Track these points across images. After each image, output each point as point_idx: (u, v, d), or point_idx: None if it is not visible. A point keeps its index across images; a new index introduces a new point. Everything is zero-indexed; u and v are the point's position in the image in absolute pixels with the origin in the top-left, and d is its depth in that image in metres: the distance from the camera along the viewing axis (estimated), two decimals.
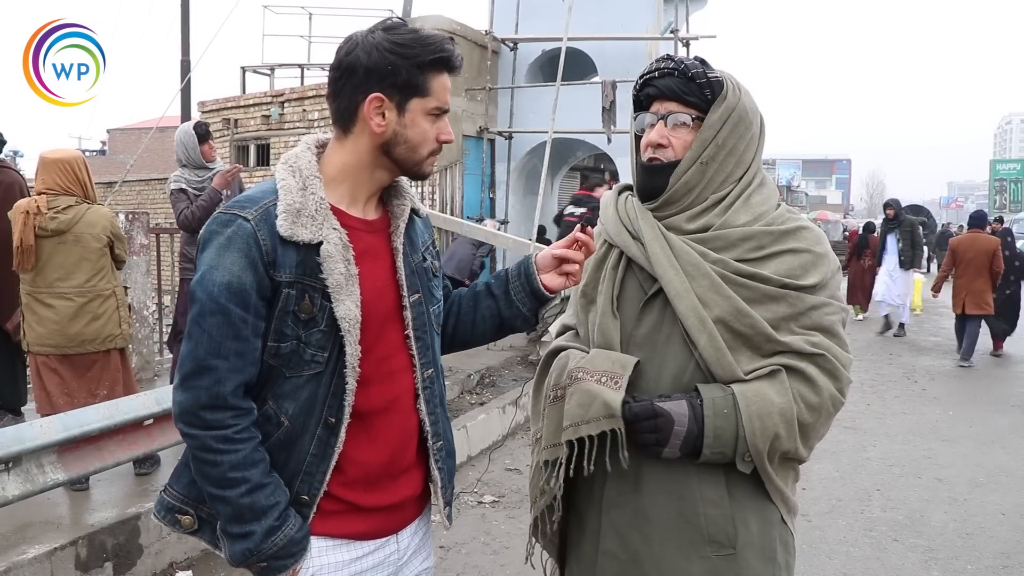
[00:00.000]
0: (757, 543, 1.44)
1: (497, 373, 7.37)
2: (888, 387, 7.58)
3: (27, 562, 2.96)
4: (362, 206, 1.45)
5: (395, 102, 1.37)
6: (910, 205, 28.62)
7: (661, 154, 1.50)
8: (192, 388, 1.31)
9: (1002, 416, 6.54)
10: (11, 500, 2.73)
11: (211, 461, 1.32)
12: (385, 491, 1.46)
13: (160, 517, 1.46)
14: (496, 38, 11.56)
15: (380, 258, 1.45)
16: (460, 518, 4.18)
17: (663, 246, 1.47)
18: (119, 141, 27.94)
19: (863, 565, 3.70)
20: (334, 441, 1.38)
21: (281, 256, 1.32)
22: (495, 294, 1.64)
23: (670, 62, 1.50)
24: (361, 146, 1.40)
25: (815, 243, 1.48)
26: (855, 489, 4.73)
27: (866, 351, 9.52)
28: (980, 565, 3.71)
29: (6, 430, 2.80)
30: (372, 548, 1.46)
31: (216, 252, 1.32)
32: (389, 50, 1.35)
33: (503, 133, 11.63)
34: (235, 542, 1.34)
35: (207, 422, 1.31)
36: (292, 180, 1.37)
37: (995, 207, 43.45)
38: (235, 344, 1.31)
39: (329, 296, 1.34)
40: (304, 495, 1.38)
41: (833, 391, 1.43)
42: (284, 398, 1.37)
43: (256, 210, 1.34)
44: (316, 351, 1.36)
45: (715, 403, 1.38)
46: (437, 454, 1.52)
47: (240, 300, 1.31)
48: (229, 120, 12.26)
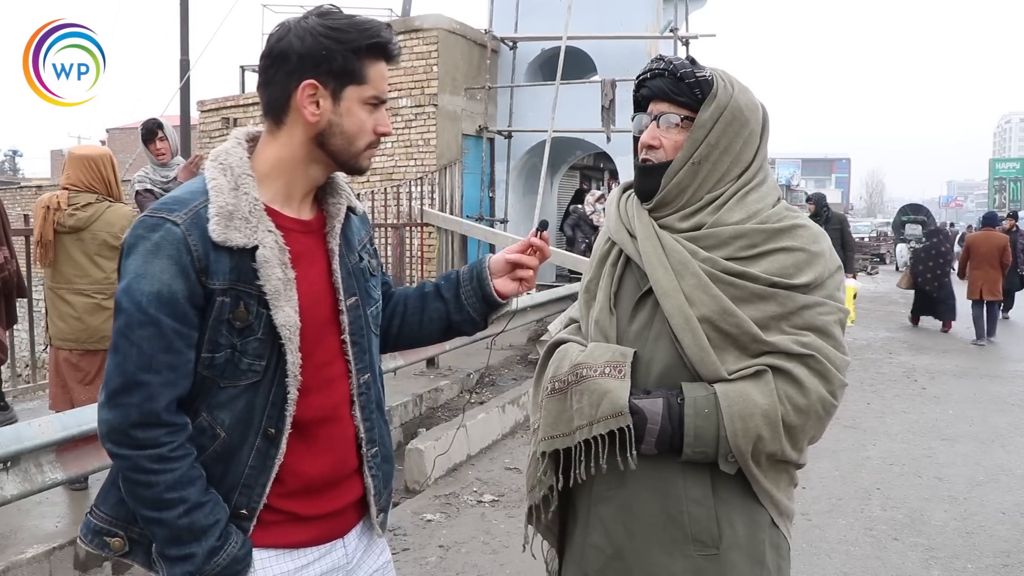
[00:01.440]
0: (743, 544, 1.43)
1: (497, 372, 7.37)
2: (888, 386, 7.58)
3: (25, 562, 2.96)
4: (297, 205, 1.37)
5: (330, 90, 1.29)
6: (910, 204, 28.60)
7: (653, 155, 1.50)
8: (121, 406, 1.22)
9: (1002, 415, 6.54)
10: (10, 500, 2.72)
11: (145, 482, 1.23)
12: (326, 499, 1.40)
13: (87, 541, 1.36)
14: (495, 37, 11.56)
15: (315, 261, 1.38)
16: (459, 517, 4.18)
17: (655, 244, 1.47)
18: (119, 140, 27.94)
19: (863, 564, 3.69)
20: (274, 452, 1.31)
21: (214, 262, 1.24)
22: (444, 296, 1.58)
23: (661, 63, 1.50)
24: (295, 138, 1.32)
25: (811, 241, 1.45)
26: (855, 488, 4.72)
27: (866, 350, 9.52)
28: (980, 564, 3.71)
29: (4, 429, 2.79)
30: (318, 555, 1.40)
31: (143, 259, 1.23)
32: (323, 35, 1.28)
33: (502, 132, 11.63)
34: (174, 565, 1.26)
35: (139, 441, 1.22)
36: (223, 179, 1.29)
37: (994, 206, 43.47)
38: (167, 357, 1.23)
39: (266, 303, 1.27)
40: (243, 509, 1.31)
41: (823, 393, 1.40)
42: (219, 408, 1.29)
43: (185, 213, 1.25)
44: (253, 360, 1.28)
45: (696, 402, 1.37)
46: (371, 461, 1.45)
47: (171, 310, 1.22)
48: (228, 119, 12.27)
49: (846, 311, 1.48)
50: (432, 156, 10.63)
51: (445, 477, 4.78)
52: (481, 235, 10.19)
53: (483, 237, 10.22)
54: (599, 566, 1.49)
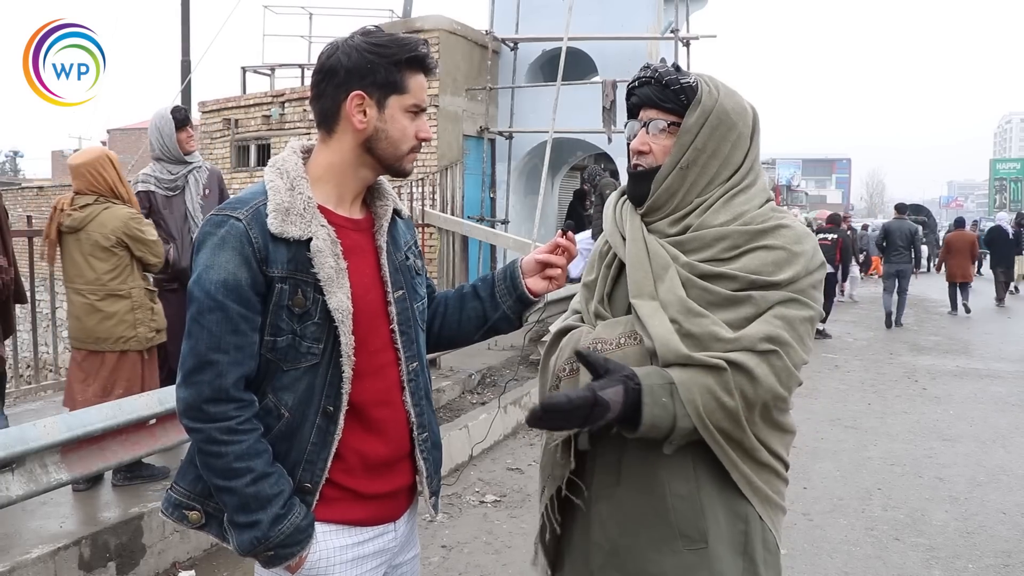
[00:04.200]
0: (728, 538, 1.44)
1: (498, 373, 7.37)
2: (889, 386, 7.59)
3: (31, 562, 2.97)
4: (348, 205, 1.51)
5: (375, 99, 1.43)
6: (911, 204, 28.56)
7: (643, 160, 1.53)
8: (195, 384, 1.36)
9: (1002, 415, 6.55)
10: (15, 500, 2.73)
11: (216, 453, 1.36)
12: (383, 479, 1.52)
13: (168, 514, 1.50)
14: (496, 38, 11.57)
15: (366, 255, 1.51)
16: (462, 518, 4.19)
17: (640, 248, 1.51)
18: (119, 141, 27.94)
19: (864, 564, 3.70)
20: (333, 429, 1.43)
21: (273, 253, 1.38)
22: (481, 296, 1.70)
23: (647, 70, 1.53)
24: (345, 145, 1.46)
25: (793, 242, 1.45)
26: (856, 488, 4.73)
27: (866, 350, 9.53)
28: (981, 564, 3.72)
29: (10, 430, 2.80)
30: (372, 535, 1.52)
31: (211, 252, 1.38)
32: (367, 50, 1.42)
33: (503, 133, 11.63)
34: (242, 532, 1.39)
35: (211, 415, 1.36)
36: (280, 181, 1.43)
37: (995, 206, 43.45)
38: (234, 338, 1.36)
39: (321, 289, 1.40)
40: (307, 483, 1.43)
41: (776, 388, 1.39)
42: (283, 390, 1.42)
43: (247, 210, 1.40)
44: (312, 343, 1.41)
45: (653, 391, 1.35)
46: (423, 445, 1.57)
47: (236, 296, 1.36)
48: (230, 120, 12.28)
49: (820, 312, 1.48)
50: (433, 157, 10.64)
51: (447, 477, 4.79)
52: (482, 236, 10.19)
53: (484, 238, 10.23)
54: (600, 563, 1.52)
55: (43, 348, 9.63)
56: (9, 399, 5.22)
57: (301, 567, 1.43)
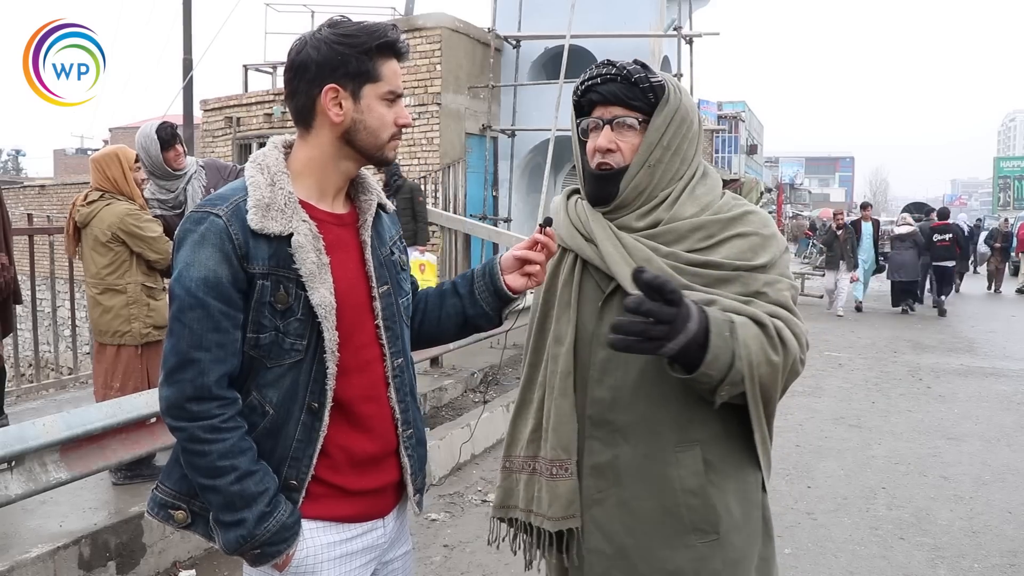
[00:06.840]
0: (741, 525, 1.48)
1: (501, 372, 7.35)
2: (893, 385, 7.56)
3: (30, 561, 2.96)
4: (330, 200, 1.49)
5: (349, 91, 1.41)
6: (914, 203, 28.48)
7: (611, 159, 1.52)
8: (177, 382, 1.35)
9: (1008, 414, 6.51)
10: (14, 499, 2.72)
11: (200, 451, 1.35)
12: (370, 475, 1.50)
13: (154, 513, 1.49)
14: (499, 36, 11.54)
15: (349, 251, 1.49)
16: (464, 517, 4.17)
17: (616, 245, 1.50)
18: (121, 140, 27.90)
19: (869, 563, 3.68)
20: (318, 425, 1.42)
21: (253, 249, 1.36)
22: (460, 293, 1.68)
23: (612, 68, 1.52)
24: (324, 139, 1.44)
25: (762, 226, 1.52)
26: (860, 487, 4.71)
27: (870, 348, 9.50)
28: (987, 563, 3.70)
29: (9, 429, 2.79)
30: (360, 531, 1.51)
31: (191, 249, 1.36)
32: (336, 42, 1.40)
33: (506, 131, 11.62)
34: (228, 530, 1.37)
35: (193, 413, 1.35)
36: (260, 177, 1.42)
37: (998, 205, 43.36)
38: (216, 336, 1.35)
39: (303, 285, 1.38)
40: (293, 480, 1.42)
41: (797, 352, 1.44)
42: (267, 387, 1.41)
43: (227, 206, 1.38)
44: (295, 340, 1.40)
45: (718, 322, 1.35)
46: (407, 442, 1.56)
47: (217, 293, 1.35)
48: (231, 118, 12.27)
49: (796, 288, 1.54)
50: (435, 155, 10.62)
51: (449, 477, 4.78)
52: (484, 234, 10.18)
53: (486, 236, 10.21)
54: (601, 570, 1.50)
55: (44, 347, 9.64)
56: (10, 398, 5.23)
57: (288, 565, 1.42)
